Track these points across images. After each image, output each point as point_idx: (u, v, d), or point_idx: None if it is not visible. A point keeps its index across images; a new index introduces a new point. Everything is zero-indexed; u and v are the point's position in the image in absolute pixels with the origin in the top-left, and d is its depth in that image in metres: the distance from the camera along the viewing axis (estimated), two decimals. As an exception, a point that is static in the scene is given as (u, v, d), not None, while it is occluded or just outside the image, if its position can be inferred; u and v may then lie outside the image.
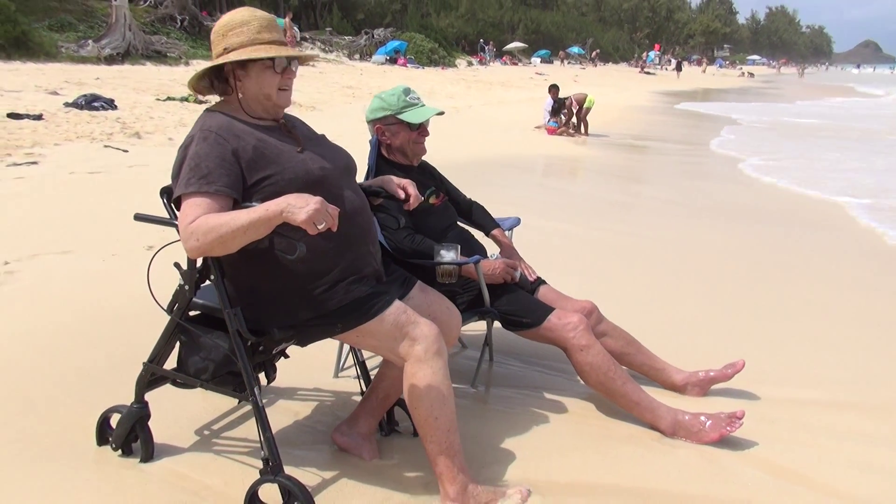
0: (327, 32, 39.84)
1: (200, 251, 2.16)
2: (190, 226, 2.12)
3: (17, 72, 16.82)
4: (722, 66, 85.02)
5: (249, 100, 2.36)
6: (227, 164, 2.20)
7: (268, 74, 2.32)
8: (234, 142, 2.25)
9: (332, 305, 2.30)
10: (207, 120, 2.31)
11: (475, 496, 2.34)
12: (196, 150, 2.22)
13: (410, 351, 2.31)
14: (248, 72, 2.32)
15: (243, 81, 2.34)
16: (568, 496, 2.50)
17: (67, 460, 2.55)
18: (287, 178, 2.24)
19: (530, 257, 3.62)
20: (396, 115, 3.06)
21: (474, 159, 10.20)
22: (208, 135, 2.24)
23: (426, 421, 2.33)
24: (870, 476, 2.71)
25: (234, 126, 2.29)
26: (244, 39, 2.30)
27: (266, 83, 2.33)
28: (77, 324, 3.72)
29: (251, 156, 2.25)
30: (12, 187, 6.52)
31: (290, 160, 2.30)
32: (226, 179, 2.18)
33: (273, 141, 2.32)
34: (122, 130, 10.11)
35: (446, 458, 2.33)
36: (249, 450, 2.65)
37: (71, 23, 25.49)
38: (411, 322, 2.31)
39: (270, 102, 2.36)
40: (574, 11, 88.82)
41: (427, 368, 2.31)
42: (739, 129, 18.61)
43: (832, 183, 10.17)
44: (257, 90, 2.35)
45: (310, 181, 2.26)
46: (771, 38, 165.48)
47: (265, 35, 2.31)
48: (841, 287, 5.28)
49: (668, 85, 41.03)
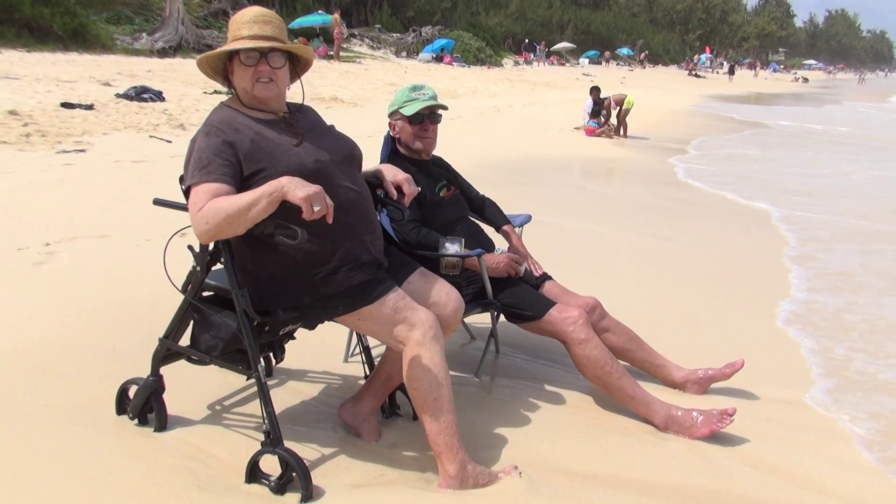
0: (376, 29, 40.21)
1: (210, 234, 2.32)
2: (199, 212, 2.29)
3: (73, 63, 17.43)
4: (776, 71, 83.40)
5: (240, 93, 2.53)
6: (225, 155, 2.37)
7: (241, 68, 2.48)
8: (233, 135, 2.41)
9: (332, 290, 2.44)
10: (213, 115, 2.50)
11: (473, 475, 2.47)
12: (199, 144, 2.41)
13: (409, 335, 2.44)
14: (234, 66, 2.50)
15: (234, 76, 2.52)
16: (558, 481, 2.60)
17: (90, 426, 2.74)
18: (280, 170, 2.37)
19: (545, 253, 3.73)
20: (399, 109, 3.21)
21: (506, 158, 10.28)
22: (210, 129, 2.43)
23: (425, 401, 2.45)
24: (855, 474, 2.77)
25: (235, 120, 2.46)
26: (230, 36, 2.50)
27: (242, 76, 2.49)
28: (108, 303, 3.94)
29: (248, 148, 2.41)
30: (60, 173, 6.83)
31: (284, 153, 2.44)
32: (224, 169, 2.35)
33: (271, 134, 2.47)
34: (167, 121, 10.45)
35: (446, 438, 2.45)
36: (256, 425, 2.81)
37: (128, 16, 26.23)
38: (410, 308, 2.44)
39: (248, 95, 2.51)
40: (625, 12, 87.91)
41: (425, 352, 2.43)
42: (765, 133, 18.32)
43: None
44: (239, 83, 2.51)
45: (304, 174, 2.37)
46: (829, 43, 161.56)
47: (244, 31, 2.46)
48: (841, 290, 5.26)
49: (719, 89, 40.44)
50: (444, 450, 2.45)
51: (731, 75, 53.72)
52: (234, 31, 2.49)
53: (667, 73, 53.61)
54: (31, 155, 7.52)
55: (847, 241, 6.98)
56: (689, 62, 64.31)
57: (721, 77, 54.58)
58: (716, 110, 25.06)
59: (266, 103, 2.53)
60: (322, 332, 2.84)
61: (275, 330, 2.66)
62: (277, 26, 2.51)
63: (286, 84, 2.60)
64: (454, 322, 2.71)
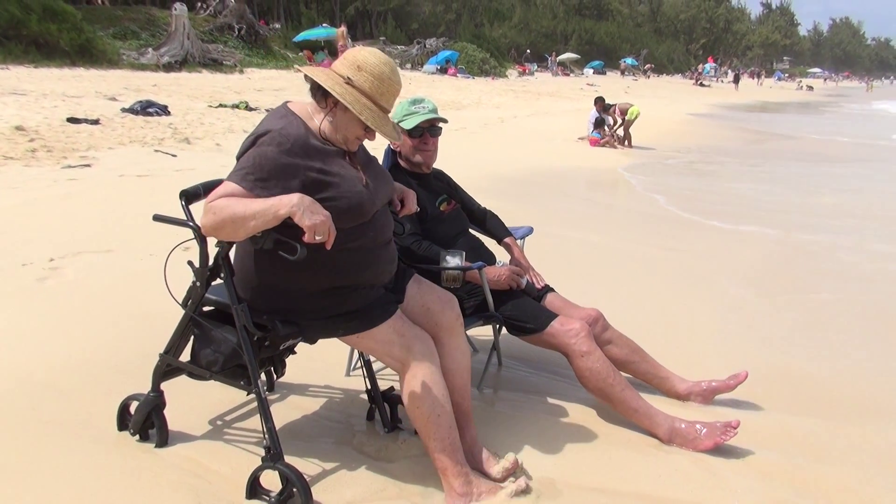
0: (381, 42, 40.45)
1: (213, 227, 2.25)
2: (212, 203, 2.24)
3: (80, 78, 17.57)
4: (781, 79, 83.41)
5: (332, 128, 2.43)
6: (281, 176, 2.28)
7: (357, 126, 2.41)
8: (303, 160, 2.33)
9: (335, 311, 2.46)
10: (288, 125, 2.38)
11: (478, 486, 2.48)
12: (267, 149, 2.30)
13: (407, 358, 2.47)
14: (346, 111, 2.37)
15: (337, 114, 2.41)
16: (561, 494, 2.59)
17: (91, 442, 2.74)
18: (343, 206, 2.35)
19: (547, 265, 3.73)
20: (399, 122, 3.21)
21: (510, 169, 10.29)
22: (284, 141, 2.32)
23: (428, 420, 2.46)
24: (862, 487, 2.74)
25: (308, 143, 2.37)
26: (367, 90, 2.36)
27: (351, 130, 2.43)
28: (111, 319, 3.95)
29: (314, 177, 2.34)
30: (65, 188, 6.87)
31: (350, 188, 2.40)
32: (275, 191, 2.26)
33: (336, 168, 2.41)
34: (172, 136, 10.51)
35: (449, 455, 2.46)
36: (257, 440, 2.80)
37: (134, 31, 26.48)
38: (408, 329, 2.47)
39: (341, 142, 2.45)
40: (629, 22, 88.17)
41: (425, 371, 2.46)
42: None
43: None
44: (342, 128, 2.43)
45: (360, 213, 2.41)
46: (834, 51, 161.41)
47: (384, 102, 2.40)
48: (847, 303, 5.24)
49: (724, 98, 40.44)
50: (449, 467, 2.46)
51: (737, 84, 53.78)
52: (373, 90, 2.37)
53: (671, 83, 53.68)
54: (36, 170, 7.56)
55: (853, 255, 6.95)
56: (694, 72, 64.40)
57: (726, 86, 54.63)
58: (732, 120, 25.03)
59: (339, 143, 2.48)
60: (323, 346, 2.84)
61: (275, 345, 2.66)
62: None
63: None
64: (457, 325, 2.69)
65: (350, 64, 2.39)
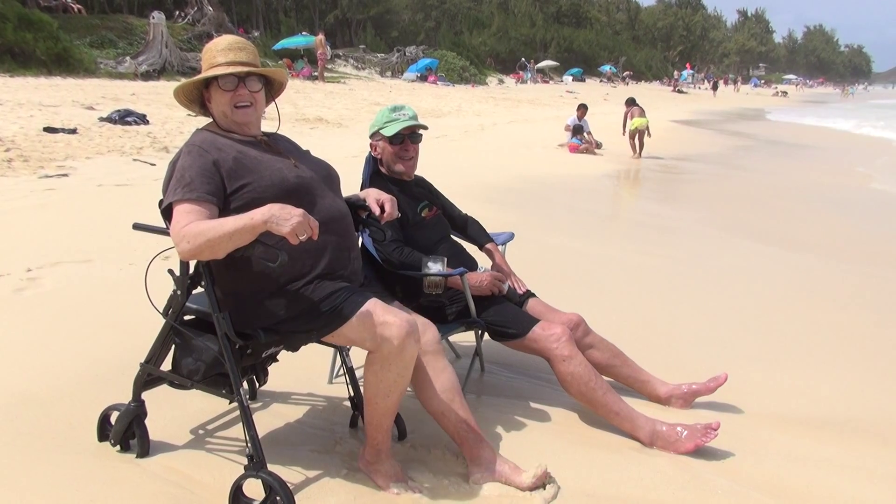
0: (360, 50, 40.44)
1: (191, 254, 2.32)
2: (182, 230, 2.29)
3: (56, 87, 17.40)
4: (757, 86, 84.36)
5: (218, 118, 2.59)
6: (209, 173, 2.39)
7: (220, 93, 2.54)
8: (216, 153, 2.45)
9: (307, 304, 2.44)
10: (193, 137, 2.54)
11: (386, 466, 2.59)
12: (181, 163, 2.43)
13: (379, 347, 2.41)
14: (211, 92, 2.56)
15: (211, 102, 2.58)
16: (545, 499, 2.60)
17: (71, 454, 2.71)
18: (264, 185, 2.43)
19: (528, 270, 3.74)
20: (380, 129, 3.23)
21: (490, 176, 10.31)
22: (192, 148, 2.46)
23: (376, 397, 2.51)
24: (843, 486, 2.78)
25: (216, 140, 2.51)
26: (205, 65, 2.57)
27: (220, 101, 2.56)
28: (90, 329, 3.92)
29: (231, 165, 2.44)
30: (42, 198, 6.80)
31: (267, 169, 2.49)
32: (207, 187, 2.36)
33: (253, 152, 2.52)
34: (151, 145, 10.44)
35: (384, 433, 2.58)
36: (239, 448, 2.79)
37: (111, 40, 26.27)
38: (380, 322, 2.40)
39: (228, 119, 2.57)
40: (608, 29, 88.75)
41: (395, 363, 2.43)
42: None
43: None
44: (217, 108, 2.58)
45: (286, 188, 2.44)
46: (808, 58, 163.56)
47: (220, 58, 2.53)
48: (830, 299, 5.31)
49: (702, 104, 40.78)
50: (379, 436, 2.57)
51: (715, 91, 54.31)
52: (209, 59, 2.55)
53: (650, 90, 54.06)
54: (12, 180, 7.48)
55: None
56: (672, 79, 64.98)
57: (704, 93, 55.15)
58: (714, 127, 25.25)
59: (246, 127, 2.59)
60: (305, 353, 2.84)
61: (257, 353, 2.65)
62: (252, 52, 2.60)
63: (263, 107, 2.68)
64: (437, 347, 2.66)
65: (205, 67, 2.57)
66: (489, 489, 2.61)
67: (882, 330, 4.81)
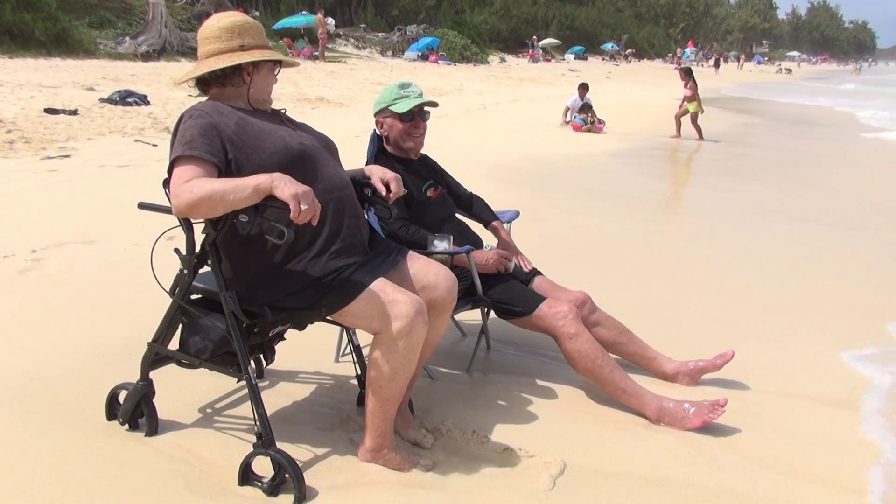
0: (361, 29, 40.14)
1: (189, 205, 2.24)
2: (184, 183, 2.26)
3: (56, 68, 17.33)
4: (760, 63, 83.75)
5: (253, 94, 2.59)
6: (209, 134, 2.38)
7: (271, 77, 2.62)
8: (217, 117, 2.44)
9: (316, 276, 2.43)
10: (197, 104, 2.52)
11: (385, 458, 2.57)
12: (185, 124, 2.42)
13: (387, 326, 2.39)
14: (259, 70, 2.57)
15: (254, 78, 2.57)
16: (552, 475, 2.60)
17: (80, 433, 2.72)
18: (268, 151, 2.43)
19: (534, 248, 3.74)
20: (389, 106, 3.20)
21: (494, 154, 10.27)
22: (194, 112, 2.46)
23: (381, 384, 2.47)
24: (849, 461, 2.78)
25: (218, 106, 2.50)
26: (258, 42, 2.57)
27: (266, 82, 2.61)
28: (96, 309, 3.92)
29: (233, 130, 2.43)
30: (45, 179, 6.79)
31: (270, 135, 2.48)
32: (207, 147, 2.35)
33: (255, 120, 2.52)
34: (152, 125, 10.40)
35: (383, 421, 2.54)
36: (248, 427, 2.79)
37: (110, 20, 26.07)
38: (390, 300, 2.39)
39: (259, 97, 2.62)
40: (610, 7, 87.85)
41: (404, 343, 2.40)
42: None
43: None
44: (263, 87, 2.61)
45: (290, 155, 2.44)
46: (812, 34, 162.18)
47: (248, 39, 2.55)
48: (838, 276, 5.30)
49: (706, 81, 40.43)
50: (383, 426, 2.55)
51: (717, 68, 53.93)
52: (260, 38, 2.58)
53: (652, 67, 53.78)
54: (14, 162, 7.46)
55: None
56: (675, 56, 64.51)
57: (706, 70, 54.75)
58: (720, 104, 25.08)
59: (267, 103, 2.65)
60: (312, 332, 2.83)
61: (264, 331, 2.65)
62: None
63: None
64: (449, 302, 2.63)
65: (230, 36, 2.52)
66: (497, 468, 2.62)
67: (889, 305, 4.80)
